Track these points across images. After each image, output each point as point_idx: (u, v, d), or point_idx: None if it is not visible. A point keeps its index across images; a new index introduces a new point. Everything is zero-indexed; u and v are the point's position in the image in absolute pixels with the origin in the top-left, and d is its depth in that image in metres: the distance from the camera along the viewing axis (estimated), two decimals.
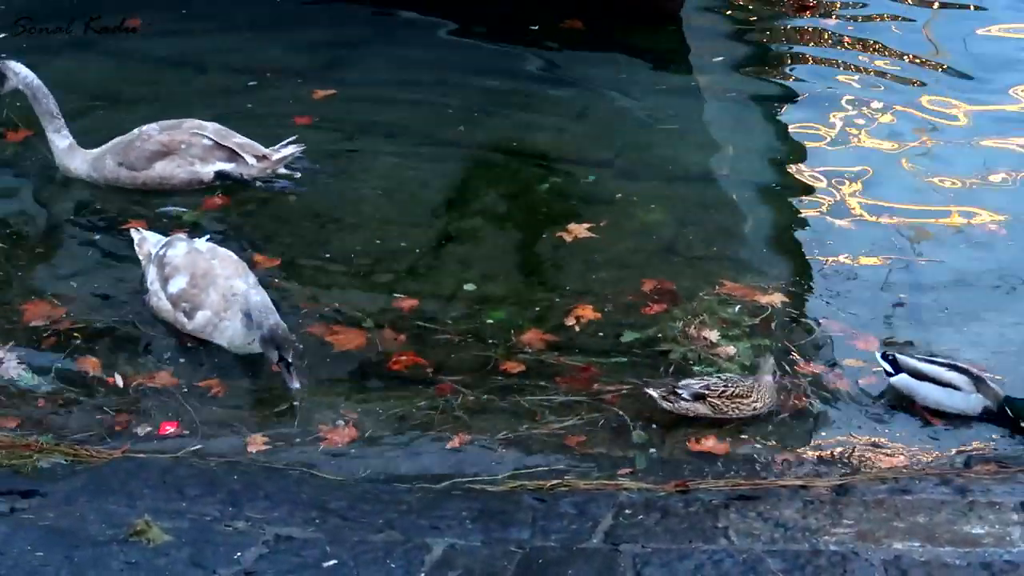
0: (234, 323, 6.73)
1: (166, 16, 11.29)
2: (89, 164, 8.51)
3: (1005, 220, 8.49)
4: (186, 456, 5.96)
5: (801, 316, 7.58)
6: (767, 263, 8.18)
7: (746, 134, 10.08)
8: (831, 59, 11.20)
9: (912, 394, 6.75)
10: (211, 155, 8.55)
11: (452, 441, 6.27)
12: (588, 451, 6.27)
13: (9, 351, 6.88)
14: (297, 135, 8.79)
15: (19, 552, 4.86)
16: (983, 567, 4.82)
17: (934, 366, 6.73)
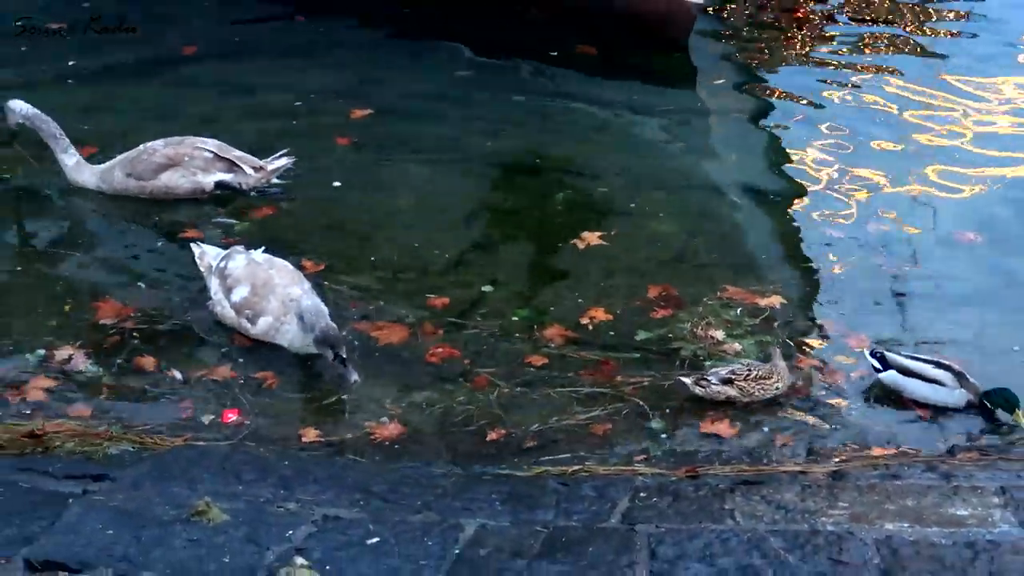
0: (293, 327, 6.75)
1: (218, 44, 11.30)
2: (98, 177, 8.57)
3: (988, 233, 8.49)
4: (242, 444, 6.02)
5: (798, 316, 7.59)
6: (766, 268, 8.15)
7: (747, 149, 10.08)
8: (825, 80, 11.17)
9: (900, 389, 6.75)
10: (212, 166, 8.60)
11: (490, 435, 6.31)
12: (608, 439, 6.29)
13: (78, 347, 6.94)
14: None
15: (91, 530, 4.88)
16: (967, 546, 4.81)
17: (920, 363, 6.73)
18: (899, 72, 11.30)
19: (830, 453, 6.15)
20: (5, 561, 4.66)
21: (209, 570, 4.63)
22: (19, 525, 4.91)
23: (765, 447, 6.27)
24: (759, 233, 8.78)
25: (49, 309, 7.38)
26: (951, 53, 11.77)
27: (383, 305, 7.51)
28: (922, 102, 10.65)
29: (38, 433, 5.83)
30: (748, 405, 6.61)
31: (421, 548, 4.83)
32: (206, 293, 7.26)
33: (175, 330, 7.23)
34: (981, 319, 7.54)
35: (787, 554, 4.75)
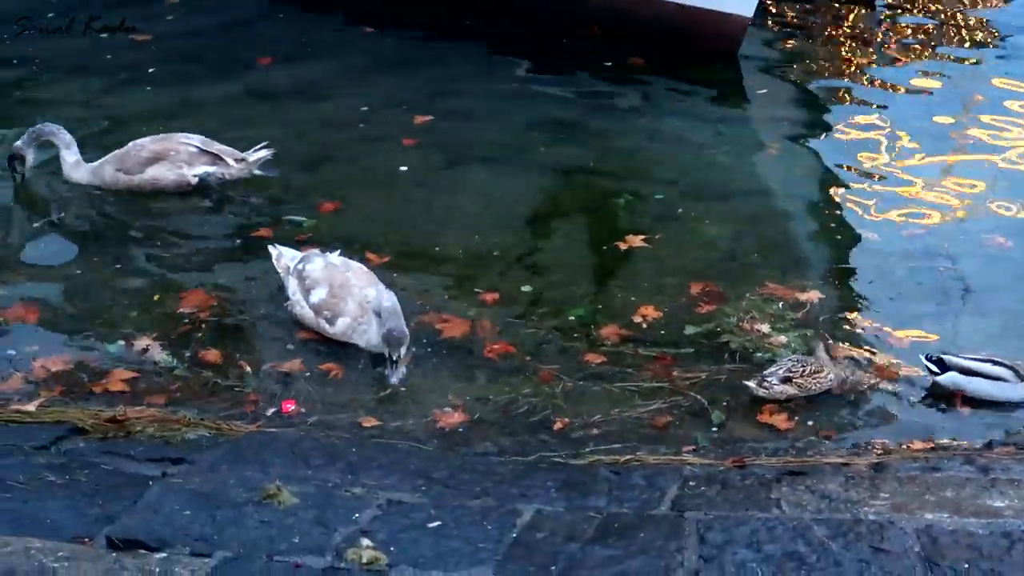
0: (372, 327, 6.76)
1: (293, 55, 11.36)
2: (91, 173, 8.64)
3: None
4: (311, 431, 6.04)
5: (837, 313, 7.55)
6: (808, 267, 8.17)
7: (792, 157, 10.04)
8: (871, 88, 11.14)
9: (961, 389, 6.68)
10: (196, 160, 8.67)
11: (555, 424, 6.30)
12: (661, 430, 6.29)
13: (154, 339, 6.98)
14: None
15: (170, 511, 4.91)
16: (1004, 536, 4.77)
17: (979, 363, 6.68)
18: (946, 80, 11.23)
19: (872, 446, 6.12)
20: (89, 539, 4.70)
21: (280, 549, 4.64)
22: (102, 505, 4.96)
23: (809, 439, 6.24)
24: (802, 235, 8.78)
25: (128, 303, 7.45)
26: (999, 60, 11.71)
27: (446, 300, 7.53)
28: (968, 112, 10.56)
29: (120, 418, 5.89)
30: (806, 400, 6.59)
31: (480, 531, 4.83)
32: (283, 292, 7.28)
33: (248, 324, 7.30)
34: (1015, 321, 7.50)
35: (830, 541, 4.71)
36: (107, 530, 4.74)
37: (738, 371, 6.84)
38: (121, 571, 4.41)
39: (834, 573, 4.51)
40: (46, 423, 5.84)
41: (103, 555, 4.56)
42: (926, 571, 4.54)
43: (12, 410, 6.01)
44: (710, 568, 4.55)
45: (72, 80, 10.91)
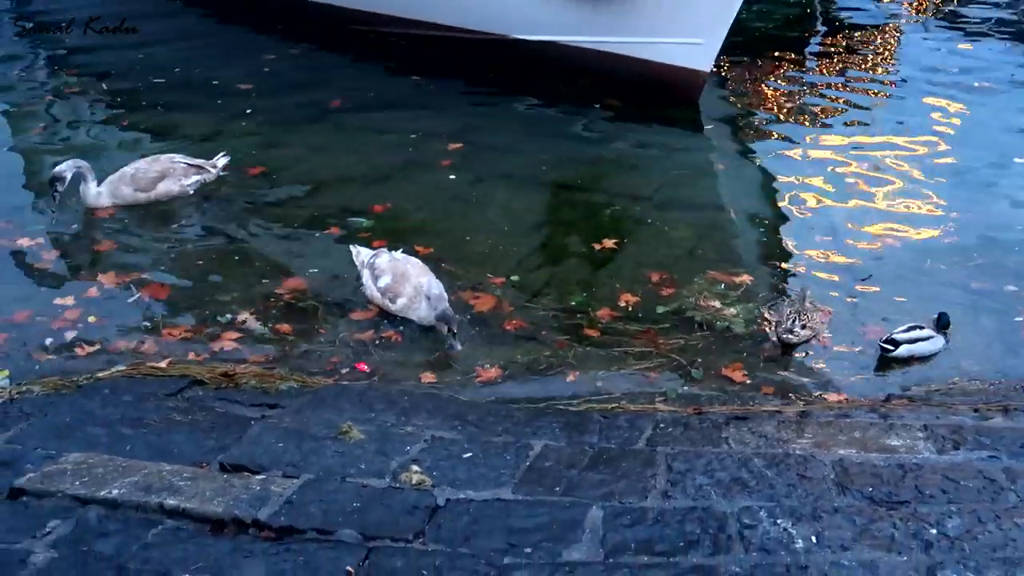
0: (423, 305, 6.83)
1: (356, 99, 11.40)
2: (110, 196, 8.46)
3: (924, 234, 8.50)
4: (373, 385, 6.09)
5: (765, 290, 7.60)
6: (743, 258, 8.20)
7: (737, 177, 10.06)
8: (806, 123, 11.15)
9: (912, 355, 6.71)
10: (188, 173, 8.64)
11: (568, 377, 6.35)
12: (650, 383, 6.34)
13: (250, 313, 7.02)
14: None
15: (267, 443, 4.96)
16: (899, 467, 4.79)
17: (914, 331, 6.74)
18: (860, 114, 11.26)
19: (799, 398, 6.16)
20: (206, 464, 4.75)
21: (350, 473, 4.68)
22: (216, 439, 5.00)
23: (751, 393, 6.28)
24: (741, 235, 8.80)
25: (236, 285, 7.48)
26: (901, 99, 11.73)
27: (476, 283, 7.55)
28: (885, 140, 10.58)
29: (230, 373, 5.94)
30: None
31: (502, 460, 4.86)
32: (359, 281, 7.32)
33: (332, 302, 7.30)
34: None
35: (766, 470, 4.74)
36: (220, 457, 4.79)
37: (706, 336, 6.89)
38: (230, 488, 4.45)
39: (769, 494, 4.52)
40: (174, 376, 5.88)
41: (216, 476, 4.61)
42: (839, 493, 4.56)
43: (148, 366, 6.05)
44: (675, 489, 4.57)
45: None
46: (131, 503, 4.31)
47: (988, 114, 11.36)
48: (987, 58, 13.46)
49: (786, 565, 3.95)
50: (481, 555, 4.03)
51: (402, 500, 4.43)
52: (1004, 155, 10.16)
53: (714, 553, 4.04)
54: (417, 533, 4.18)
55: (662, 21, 10.93)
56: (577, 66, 11.55)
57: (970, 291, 7.54)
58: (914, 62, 13.23)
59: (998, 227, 8.58)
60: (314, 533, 4.16)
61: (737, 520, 4.27)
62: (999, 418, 5.52)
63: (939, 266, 7.91)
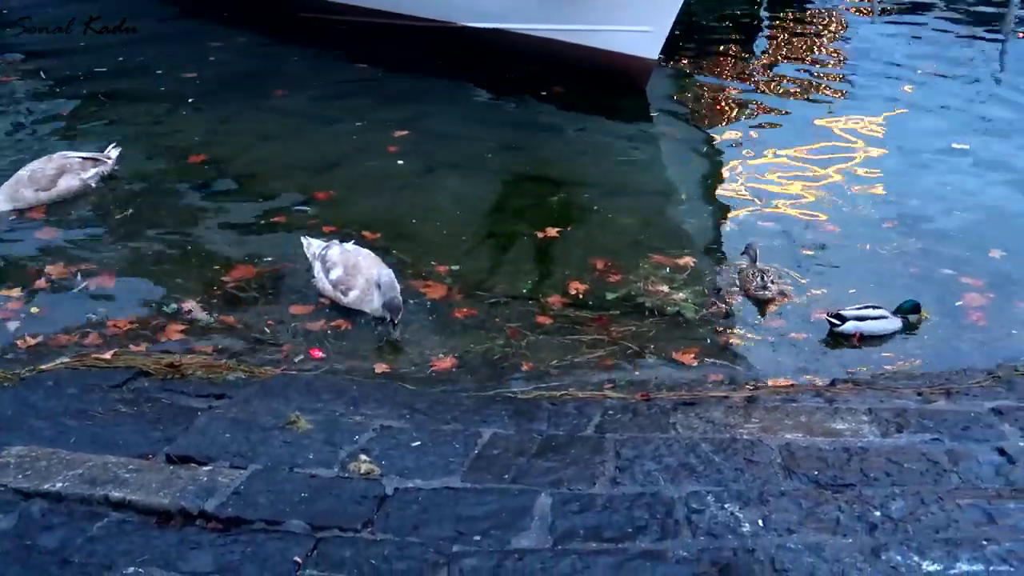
0: (375, 297, 6.76)
1: (305, 86, 11.33)
2: (9, 200, 8.25)
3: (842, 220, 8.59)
4: (323, 374, 6.03)
5: (708, 273, 7.66)
6: (687, 242, 8.19)
7: (688, 165, 10.10)
8: (749, 112, 11.24)
9: (859, 331, 6.78)
10: (85, 166, 8.51)
11: (521, 365, 6.32)
12: (605, 370, 6.32)
13: (196, 302, 6.94)
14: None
15: (214, 434, 4.91)
16: (844, 450, 4.84)
17: (865, 310, 6.82)
18: (802, 105, 11.37)
19: (746, 383, 6.19)
20: (152, 456, 4.70)
21: (298, 463, 4.65)
22: (162, 430, 4.94)
23: (699, 378, 6.29)
24: (686, 220, 8.80)
25: (182, 275, 7.39)
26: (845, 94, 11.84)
27: (426, 271, 7.52)
28: (822, 125, 10.67)
29: (176, 364, 5.86)
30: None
31: (451, 448, 4.84)
32: (310, 272, 7.24)
33: (281, 293, 7.23)
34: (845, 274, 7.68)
35: (714, 455, 4.76)
36: (166, 449, 4.74)
37: (657, 322, 6.90)
38: (177, 480, 4.41)
39: (716, 478, 4.55)
40: (119, 367, 5.80)
41: (163, 468, 4.55)
42: (786, 477, 4.59)
43: (93, 358, 5.96)
44: (624, 475, 4.58)
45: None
46: (75, 496, 4.25)
47: (931, 99, 11.53)
48: (931, 44, 13.65)
49: (733, 549, 3.98)
50: (430, 543, 4.02)
51: (350, 490, 4.41)
52: (944, 140, 10.30)
53: (662, 538, 4.06)
54: (365, 522, 4.16)
55: (610, 9, 10.96)
56: (526, 54, 11.55)
57: (911, 276, 7.64)
58: (860, 48, 13.43)
59: (936, 212, 8.70)
60: (262, 524, 4.13)
61: (685, 505, 4.30)
62: (942, 401, 5.58)
63: (880, 251, 8.00)
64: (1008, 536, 4.08)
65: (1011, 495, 4.44)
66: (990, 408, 5.41)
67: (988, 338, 6.81)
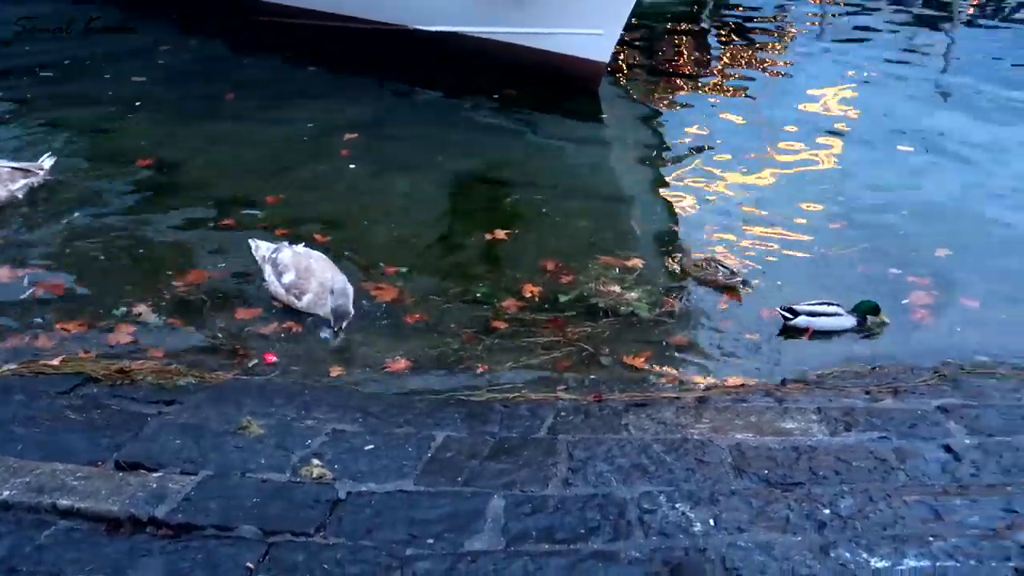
0: (328, 301, 6.69)
1: (255, 90, 11.28)
2: None
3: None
4: (275, 378, 5.99)
5: (658, 272, 7.70)
6: (636, 243, 8.24)
7: (638, 167, 10.15)
8: (700, 113, 11.32)
9: (811, 326, 6.86)
10: (15, 176, 8.37)
11: (476, 368, 6.29)
12: (560, 372, 6.31)
13: (147, 307, 6.87)
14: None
15: (164, 440, 4.86)
16: (793, 449, 4.88)
17: (817, 306, 6.90)
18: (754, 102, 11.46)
19: (697, 384, 6.22)
20: (101, 463, 4.65)
21: (250, 468, 4.62)
22: (111, 436, 4.89)
23: (651, 379, 6.31)
24: (636, 221, 8.85)
25: (131, 280, 7.30)
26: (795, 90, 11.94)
27: (377, 274, 7.48)
28: (770, 126, 10.78)
29: (126, 369, 5.79)
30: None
31: (404, 452, 4.83)
32: (260, 277, 7.15)
33: (232, 297, 7.16)
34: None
35: (665, 455, 4.79)
36: (116, 456, 4.68)
37: (612, 323, 6.91)
38: (126, 486, 4.36)
39: (668, 479, 4.57)
40: (68, 374, 5.72)
41: (112, 475, 4.51)
42: (736, 476, 4.63)
43: (41, 364, 5.88)
44: (576, 477, 4.59)
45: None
46: (23, 504, 4.20)
47: (877, 101, 11.69)
48: (877, 45, 13.84)
49: (685, 548, 4.01)
50: (383, 547, 4.01)
51: (303, 494, 4.39)
52: (890, 141, 10.44)
53: (614, 539, 4.08)
54: (318, 527, 4.14)
55: (562, 12, 11.00)
56: (478, 57, 11.55)
57: (858, 275, 7.72)
58: (808, 49, 13.56)
59: (882, 212, 8.81)
60: (213, 530, 4.10)
61: (637, 506, 4.31)
62: (889, 399, 5.64)
63: (828, 251, 8.09)
64: (954, 532, 4.13)
65: (957, 492, 4.50)
66: (936, 406, 5.48)
67: (934, 336, 6.91)
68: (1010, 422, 5.25)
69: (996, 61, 13.51)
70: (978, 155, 10.20)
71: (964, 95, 11.95)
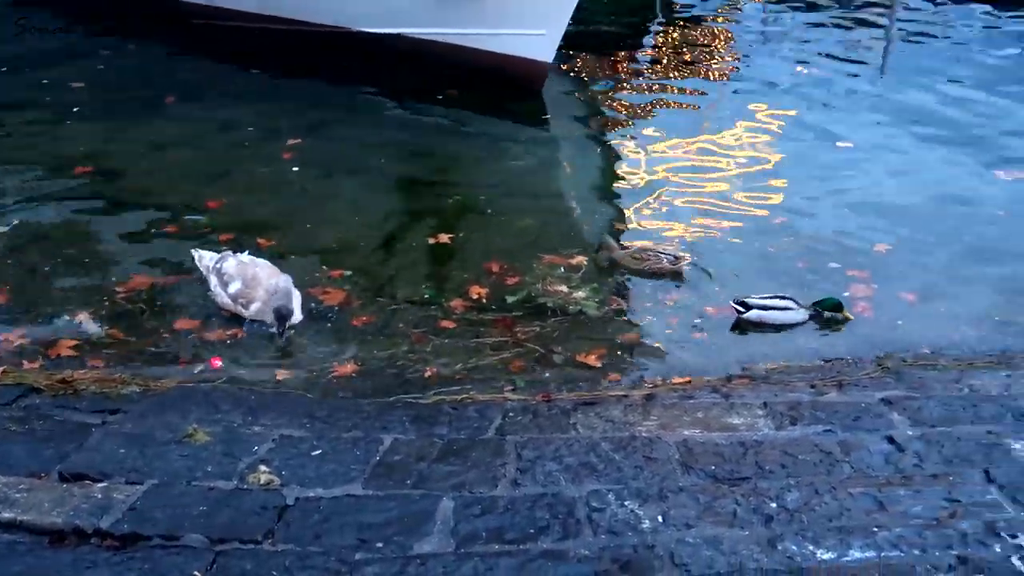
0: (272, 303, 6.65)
1: (196, 94, 11.17)
2: None
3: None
4: (220, 385, 5.92)
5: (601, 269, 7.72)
6: (579, 241, 8.22)
7: (583, 167, 10.19)
8: (641, 113, 11.37)
9: (762, 320, 6.91)
10: None
11: (425, 371, 6.25)
12: (495, 374, 6.29)
13: (89, 316, 6.78)
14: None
15: (109, 450, 4.81)
16: (740, 444, 4.93)
17: (771, 299, 6.96)
18: (699, 98, 11.53)
19: (645, 381, 6.24)
20: (45, 474, 4.58)
21: (196, 476, 4.58)
22: (55, 447, 4.82)
23: (599, 377, 6.31)
24: (578, 220, 8.89)
25: (73, 288, 7.21)
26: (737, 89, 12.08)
27: (324, 277, 7.45)
28: (713, 125, 10.86)
29: (68, 380, 5.71)
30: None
31: (351, 456, 4.81)
32: (205, 285, 7.05)
33: (176, 304, 7.08)
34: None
35: (614, 453, 4.81)
36: (59, 467, 4.62)
37: (561, 322, 6.92)
38: (70, 498, 4.31)
39: (616, 477, 4.59)
40: (9, 385, 5.63)
41: (56, 486, 4.45)
42: (684, 472, 4.66)
43: None
44: (525, 477, 4.60)
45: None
46: None
47: (817, 98, 11.83)
48: (818, 44, 14.00)
49: (633, 545, 4.03)
50: (332, 552, 3.99)
51: (250, 501, 4.36)
52: (829, 138, 10.57)
53: (564, 538, 4.09)
54: (266, 534, 4.12)
55: (504, 12, 11.01)
56: (421, 58, 11.53)
57: (799, 270, 7.80)
58: (751, 50, 13.68)
59: (822, 208, 8.90)
60: (159, 539, 4.06)
61: (586, 504, 4.33)
62: (834, 393, 5.71)
63: (770, 247, 8.17)
64: (898, 522, 4.20)
65: (900, 482, 4.57)
66: (880, 398, 5.56)
67: (876, 329, 6.99)
68: (951, 412, 5.34)
69: (933, 57, 13.70)
70: (915, 150, 10.35)
71: (902, 93, 12.10)
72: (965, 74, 12.79)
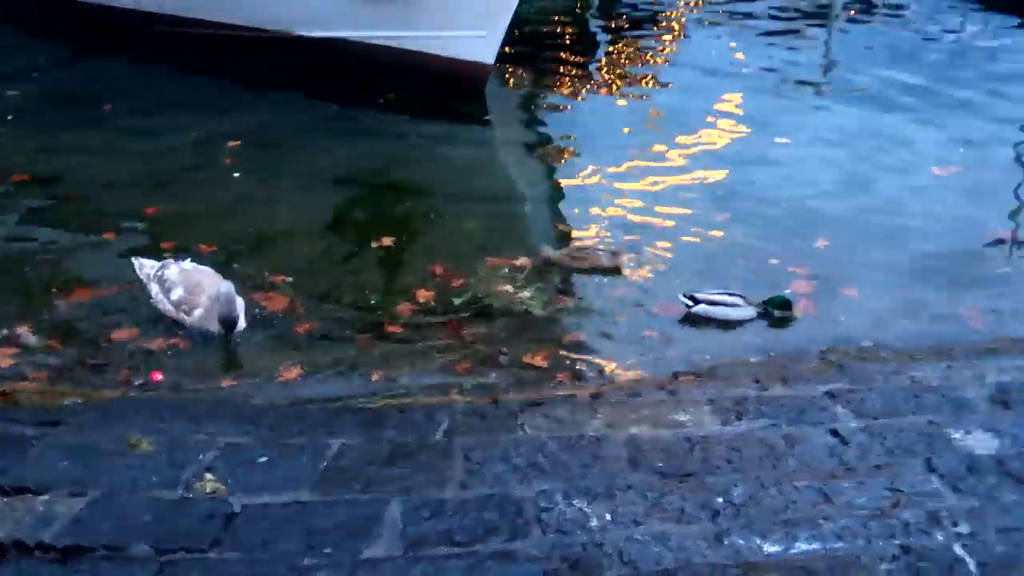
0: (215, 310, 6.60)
1: (135, 100, 11.06)
2: None
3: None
4: (164, 393, 5.87)
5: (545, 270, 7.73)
6: (523, 243, 8.24)
7: (524, 168, 10.22)
8: (584, 114, 11.44)
9: (710, 315, 6.98)
10: None
11: (372, 375, 6.24)
12: (443, 377, 6.29)
13: (28, 327, 6.68)
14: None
15: (50, 461, 4.72)
16: (686, 440, 4.95)
17: (719, 295, 7.03)
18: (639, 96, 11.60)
19: (591, 380, 6.27)
20: None
21: (141, 486, 4.51)
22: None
23: (545, 378, 6.33)
24: (531, 224, 8.93)
25: (10, 299, 7.11)
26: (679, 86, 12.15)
27: (265, 282, 7.40)
28: (655, 124, 10.92)
29: (8, 392, 5.63)
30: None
31: (298, 462, 4.78)
32: (146, 294, 6.96)
33: (116, 313, 7.00)
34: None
35: (561, 452, 4.82)
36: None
37: (507, 323, 6.93)
38: (11, 511, 4.24)
39: (565, 476, 4.60)
40: None
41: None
42: (632, 470, 4.67)
43: None
44: (473, 478, 4.59)
45: None
46: None
47: (759, 95, 11.94)
48: (760, 41, 14.16)
49: (583, 544, 4.04)
50: (280, 559, 3.96)
51: (196, 510, 4.31)
52: (768, 135, 10.68)
53: (513, 538, 4.09)
54: (213, 542, 4.07)
55: (444, 15, 11.01)
56: (362, 62, 11.49)
57: (742, 267, 7.87)
58: (691, 47, 13.80)
59: (763, 205, 8.99)
60: (104, 551, 4.00)
61: (534, 504, 4.34)
62: (779, 387, 5.76)
63: (712, 244, 8.25)
64: (843, 514, 4.25)
65: (844, 474, 4.62)
66: (824, 391, 5.61)
67: (819, 324, 7.07)
68: (893, 404, 5.41)
69: (869, 51, 13.89)
70: (855, 146, 10.48)
71: (842, 90, 12.26)
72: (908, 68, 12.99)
